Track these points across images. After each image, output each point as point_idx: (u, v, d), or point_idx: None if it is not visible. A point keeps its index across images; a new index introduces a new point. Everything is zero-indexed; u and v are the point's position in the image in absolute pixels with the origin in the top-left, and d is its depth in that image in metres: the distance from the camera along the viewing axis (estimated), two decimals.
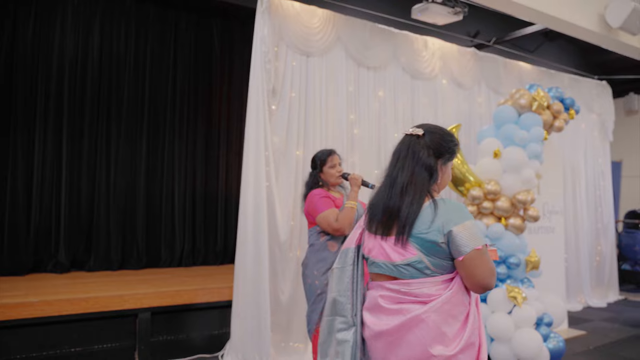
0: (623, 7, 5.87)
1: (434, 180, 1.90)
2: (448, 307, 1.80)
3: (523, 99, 4.77)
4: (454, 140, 2.01)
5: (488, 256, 1.81)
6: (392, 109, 5.26)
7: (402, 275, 1.85)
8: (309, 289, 3.35)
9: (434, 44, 5.64)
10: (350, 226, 3.27)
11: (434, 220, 1.80)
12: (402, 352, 1.82)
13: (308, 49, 4.74)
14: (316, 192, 3.39)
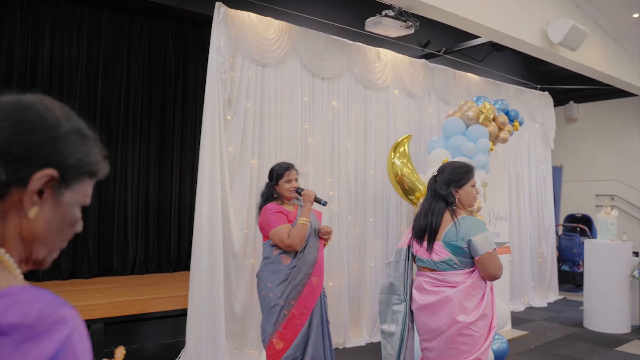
0: (563, 24, 6.20)
1: (451, 203, 2.83)
2: (469, 289, 2.71)
3: (470, 111, 4.98)
4: (463, 168, 2.89)
5: (496, 256, 2.70)
6: (345, 119, 5.39)
7: (438, 268, 2.80)
8: (263, 300, 3.43)
9: (386, 55, 5.80)
10: (302, 242, 3.36)
11: (458, 232, 2.72)
12: (438, 319, 2.75)
13: (264, 60, 4.81)
14: (270, 206, 3.46)
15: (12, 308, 0.65)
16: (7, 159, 0.74)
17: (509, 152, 7.25)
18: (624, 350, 5.42)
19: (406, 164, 4.88)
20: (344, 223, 5.28)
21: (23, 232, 0.78)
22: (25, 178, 0.75)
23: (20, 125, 0.76)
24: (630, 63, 8.28)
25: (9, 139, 0.74)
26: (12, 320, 0.64)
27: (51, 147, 0.77)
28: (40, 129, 0.77)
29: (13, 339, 0.63)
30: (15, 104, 0.78)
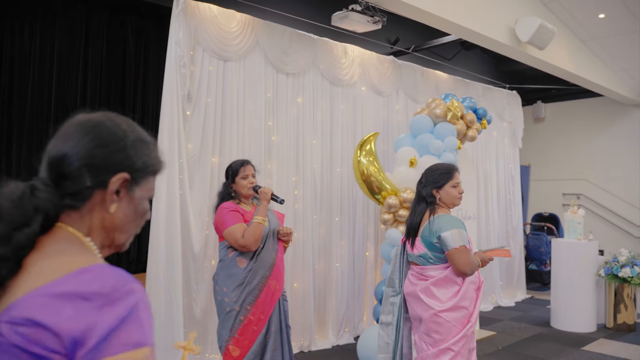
0: (531, 22, 6.16)
1: (430, 203, 3.08)
2: (441, 282, 2.96)
3: (438, 109, 4.89)
4: (440, 170, 3.14)
5: (465, 253, 2.89)
6: (311, 116, 5.24)
7: (419, 262, 3.06)
8: (219, 305, 3.26)
9: (353, 51, 5.67)
10: (257, 243, 3.20)
11: (431, 229, 2.97)
12: (418, 305, 3.02)
13: (225, 54, 4.63)
14: (225, 205, 3.30)
15: (95, 280, 0.84)
16: (91, 168, 0.95)
17: (478, 151, 7.20)
18: (590, 350, 5.40)
19: (372, 162, 4.76)
20: (309, 223, 5.13)
21: (106, 223, 0.99)
22: (105, 181, 0.97)
23: (96, 140, 0.97)
24: (595, 63, 8.33)
25: (90, 152, 0.95)
26: (94, 289, 0.83)
27: (122, 155, 0.98)
28: (112, 142, 0.98)
29: (94, 303, 0.82)
30: (89, 122, 0.99)
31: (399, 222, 4.71)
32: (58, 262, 0.89)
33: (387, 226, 4.82)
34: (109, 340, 0.81)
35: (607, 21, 7.34)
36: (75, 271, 0.86)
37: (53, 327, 0.81)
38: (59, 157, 0.96)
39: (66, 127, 1.00)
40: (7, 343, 0.82)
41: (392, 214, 4.72)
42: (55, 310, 0.82)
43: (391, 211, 4.69)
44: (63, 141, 0.97)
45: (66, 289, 0.84)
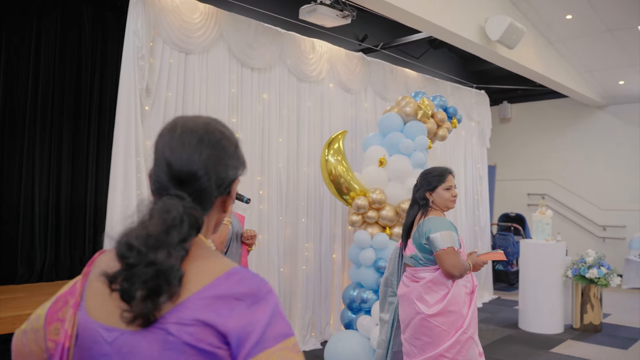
0: (501, 21, 6.10)
1: (424, 205, 3.09)
2: (430, 284, 2.95)
3: (408, 107, 4.75)
4: (432, 173, 3.16)
5: (453, 255, 2.87)
6: (277, 113, 5.04)
7: (411, 264, 3.06)
8: None
9: (321, 47, 5.49)
10: (222, 245, 3.00)
11: (421, 231, 2.98)
12: (407, 307, 3.02)
13: (187, 46, 4.39)
14: None
15: (241, 282, 0.97)
16: (219, 182, 1.05)
17: (446, 151, 7.12)
18: (559, 352, 5.35)
19: (341, 161, 4.60)
20: (274, 224, 4.93)
21: (217, 221, 1.12)
22: (228, 190, 1.08)
23: (220, 156, 1.05)
24: (562, 65, 8.36)
25: (217, 168, 1.04)
26: (244, 291, 0.96)
27: (236, 164, 1.08)
28: (231, 156, 1.07)
29: (245, 303, 0.95)
30: (210, 137, 1.05)
31: (368, 224, 4.55)
32: (205, 266, 0.99)
33: (356, 228, 4.66)
34: (265, 335, 0.94)
35: (574, 22, 7.35)
36: (223, 275, 0.97)
37: (218, 326, 0.93)
38: (190, 175, 1.02)
39: (185, 137, 1.04)
40: (178, 342, 0.92)
41: (361, 215, 4.56)
42: (217, 311, 0.93)
43: (360, 212, 4.53)
44: (188, 156, 1.02)
45: (221, 291, 0.95)
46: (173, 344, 0.93)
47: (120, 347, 0.96)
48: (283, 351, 0.95)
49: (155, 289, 0.93)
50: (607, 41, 7.74)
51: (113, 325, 0.98)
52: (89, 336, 1.00)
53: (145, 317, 0.93)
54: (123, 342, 0.96)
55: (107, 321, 0.99)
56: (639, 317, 6.94)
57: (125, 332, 0.96)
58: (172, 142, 1.04)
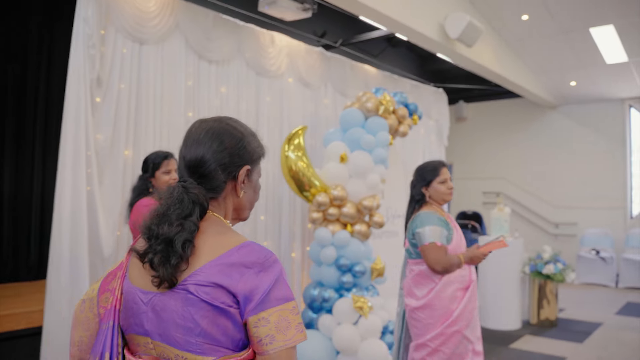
0: (460, 19, 6.12)
1: (418, 201, 3.18)
2: (418, 278, 3.06)
3: (370, 103, 4.68)
4: (427, 167, 3.19)
5: (436, 250, 2.93)
6: (235, 107, 4.88)
7: (407, 256, 3.18)
8: None
9: (281, 41, 5.36)
10: None
11: (411, 225, 3.10)
12: (402, 299, 3.19)
13: (142, 35, 4.18)
14: (145, 202, 2.91)
15: (251, 253, 1.18)
16: (223, 167, 1.27)
17: (405, 148, 7.10)
18: (517, 347, 5.40)
19: (301, 157, 4.49)
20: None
21: (235, 205, 1.33)
22: (235, 175, 1.29)
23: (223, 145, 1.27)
24: (517, 65, 8.49)
25: (220, 155, 1.26)
26: (252, 260, 1.17)
27: (243, 152, 1.30)
28: (235, 144, 1.29)
29: (254, 270, 1.16)
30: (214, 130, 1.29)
31: (329, 221, 4.46)
32: (220, 240, 1.20)
33: (316, 225, 4.55)
34: (268, 297, 1.14)
35: (529, 23, 7.46)
36: (236, 247, 1.18)
37: (229, 287, 1.13)
38: (197, 162, 1.25)
39: (195, 135, 1.28)
40: (196, 299, 1.13)
41: (322, 213, 4.46)
42: (229, 275, 1.14)
43: (320, 209, 4.43)
44: (196, 148, 1.26)
45: (233, 260, 1.16)
46: (193, 301, 1.14)
47: (154, 305, 1.19)
48: (283, 312, 1.15)
49: (166, 255, 1.16)
50: (560, 42, 7.90)
51: (148, 290, 1.21)
52: (131, 299, 1.24)
53: (168, 280, 1.16)
54: (156, 302, 1.19)
55: (144, 286, 1.22)
56: (591, 311, 7.11)
57: (157, 294, 1.19)
58: (186, 140, 1.30)
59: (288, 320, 1.15)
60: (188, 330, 1.15)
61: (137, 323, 1.23)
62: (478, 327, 3.10)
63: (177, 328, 1.16)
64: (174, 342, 1.17)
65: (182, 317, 1.15)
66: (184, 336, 1.15)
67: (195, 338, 1.15)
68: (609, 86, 9.35)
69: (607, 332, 6.07)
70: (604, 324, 6.40)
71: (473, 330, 3.02)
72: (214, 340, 1.15)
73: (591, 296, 8.25)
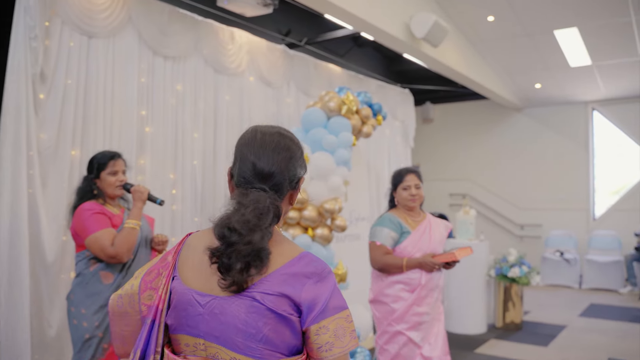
0: (426, 19, 6.02)
1: (390, 201, 3.41)
2: (374, 274, 3.28)
3: (332, 102, 4.53)
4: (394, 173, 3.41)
5: (374, 250, 3.18)
6: (192, 106, 4.68)
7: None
8: (74, 331, 2.65)
9: (241, 37, 5.17)
10: (130, 252, 2.64)
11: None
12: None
13: (91, 28, 3.95)
14: (87, 206, 2.70)
15: (309, 264, 1.24)
16: (291, 178, 1.33)
17: (370, 149, 6.98)
18: (483, 352, 5.32)
19: None
20: (188, 226, 4.57)
21: (285, 213, 1.36)
22: (295, 185, 1.36)
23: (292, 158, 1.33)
24: (483, 66, 8.47)
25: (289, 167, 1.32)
26: (312, 270, 1.23)
27: (302, 164, 1.38)
28: (298, 158, 1.36)
29: (313, 280, 1.22)
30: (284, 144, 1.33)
31: (289, 225, 4.29)
32: (281, 250, 1.26)
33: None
34: (327, 306, 1.22)
35: (495, 25, 7.43)
36: (296, 257, 1.26)
37: (293, 297, 1.20)
38: (271, 173, 1.30)
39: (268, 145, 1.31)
40: (262, 307, 1.19)
41: None
42: (292, 285, 1.21)
43: None
44: (270, 159, 1.30)
45: (295, 270, 1.23)
46: (258, 308, 1.18)
47: (212, 308, 1.22)
48: (340, 320, 1.21)
49: (251, 262, 1.19)
50: (525, 44, 7.89)
51: (206, 292, 1.24)
52: (185, 300, 1.25)
53: (239, 284, 1.19)
54: (215, 305, 1.21)
55: (202, 288, 1.25)
56: (556, 313, 7.10)
57: (217, 298, 1.22)
58: (255, 146, 1.31)
59: (344, 328, 1.23)
60: (250, 336, 1.19)
61: (191, 324, 1.25)
62: (431, 333, 3.14)
63: (238, 332, 1.20)
64: (233, 345, 1.20)
65: (244, 322, 1.20)
66: (245, 341, 1.19)
67: (257, 344, 1.19)
68: (573, 89, 9.42)
69: (571, 334, 6.05)
70: (568, 326, 6.39)
71: (422, 334, 3.10)
72: (273, 345, 1.20)
73: (555, 298, 8.27)
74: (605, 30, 7.25)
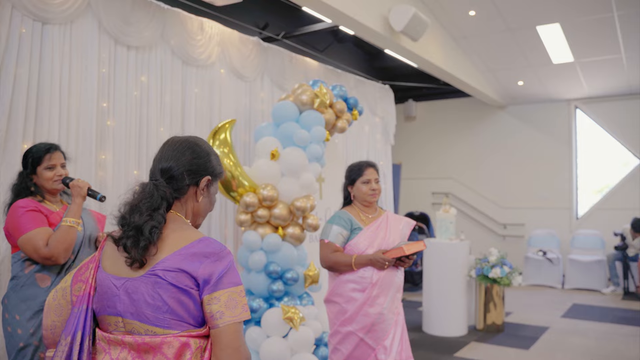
0: (405, 11, 5.84)
1: (345, 197, 3.31)
2: (330, 273, 3.14)
3: (305, 95, 4.32)
4: (351, 167, 3.27)
5: (322, 248, 3.06)
6: (158, 98, 4.43)
7: None
8: (9, 339, 2.41)
9: (211, 28, 4.94)
10: (67, 253, 2.41)
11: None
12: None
13: (44, 14, 3.68)
14: (21, 203, 2.47)
15: (208, 246, 1.44)
16: (189, 173, 1.55)
17: (348, 146, 6.79)
18: (463, 356, 5.14)
19: (228, 154, 4.08)
20: None
21: (194, 210, 1.59)
22: (197, 181, 1.57)
23: (193, 155, 1.57)
24: (465, 62, 8.31)
25: (189, 162, 1.55)
26: (210, 251, 1.43)
27: (207, 164, 1.59)
28: (202, 155, 1.59)
29: (211, 259, 1.42)
30: (187, 143, 1.59)
31: (258, 224, 4.07)
32: (183, 234, 1.47)
33: (245, 228, 4.16)
34: (221, 280, 1.41)
35: (476, 19, 7.27)
36: (196, 240, 1.45)
37: (192, 272, 1.40)
38: (168, 167, 1.54)
39: (170, 146, 1.59)
40: (164, 282, 1.40)
41: (250, 214, 4.06)
42: (191, 263, 1.41)
43: (249, 211, 4.03)
44: (169, 157, 1.55)
45: (195, 250, 1.43)
46: (161, 284, 1.40)
47: (126, 289, 1.43)
48: (232, 294, 1.41)
49: (136, 239, 1.43)
50: (507, 40, 7.75)
51: (121, 276, 1.46)
52: (105, 285, 1.48)
53: (139, 260, 1.43)
54: (128, 286, 1.43)
55: (117, 273, 1.47)
56: (538, 314, 6.96)
57: (130, 279, 1.44)
58: (162, 149, 1.59)
59: (236, 300, 1.41)
60: (157, 308, 1.39)
61: (110, 305, 1.46)
62: (388, 336, 2.97)
63: (148, 306, 1.40)
64: (145, 318, 1.41)
65: (152, 297, 1.40)
66: (154, 313, 1.39)
67: (164, 315, 1.39)
68: (556, 86, 9.30)
69: (553, 336, 5.90)
70: (550, 328, 6.24)
71: (375, 336, 2.94)
72: (178, 316, 1.40)
73: (538, 298, 8.14)
74: (587, 27, 7.13)
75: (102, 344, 1.48)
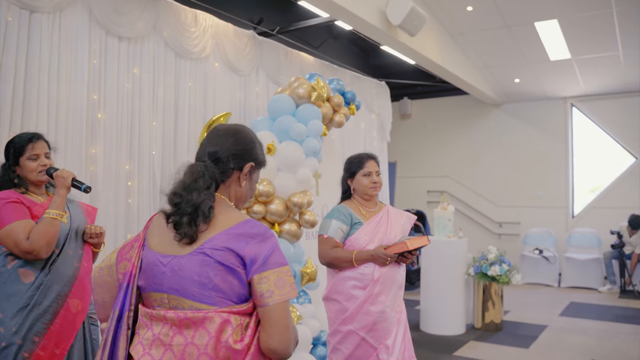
0: (403, 5, 5.75)
1: (345, 192, 3.16)
2: (329, 270, 3.00)
3: (301, 88, 4.21)
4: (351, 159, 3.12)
5: (321, 243, 2.93)
6: (150, 91, 4.31)
7: None
8: None
9: (206, 20, 4.82)
10: (50, 246, 2.28)
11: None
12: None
13: (33, 2, 3.56)
14: (2, 195, 2.34)
15: (253, 227, 1.48)
16: (234, 157, 1.60)
17: (345, 142, 6.69)
18: (462, 355, 5.05)
19: None
20: (145, 220, 4.20)
21: (237, 194, 1.63)
22: (241, 166, 1.62)
23: (238, 141, 1.62)
24: (462, 59, 8.23)
25: (234, 147, 1.60)
26: (255, 232, 1.47)
27: (252, 151, 1.65)
28: (247, 142, 1.64)
29: (256, 240, 1.46)
30: (234, 129, 1.66)
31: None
32: (229, 215, 1.52)
33: None
34: (268, 261, 1.45)
35: (474, 15, 7.19)
36: (242, 222, 1.50)
37: (238, 251, 1.45)
38: (215, 151, 1.59)
39: (216, 131, 1.66)
40: (212, 261, 1.45)
41: (245, 210, 3.94)
42: (238, 242, 1.46)
43: (244, 206, 3.91)
44: (216, 142, 1.61)
45: (241, 231, 1.47)
46: (208, 261, 1.46)
47: (172, 266, 1.49)
48: (280, 273, 1.46)
49: (194, 216, 1.48)
50: (504, 37, 7.67)
51: (167, 253, 1.51)
52: (151, 262, 1.54)
53: (190, 237, 1.48)
54: (175, 264, 1.49)
55: (164, 251, 1.53)
56: (536, 312, 6.89)
57: (177, 257, 1.50)
58: (209, 135, 1.66)
59: (284, 280, 1.45)
60: (203, 285, 1.45)
61: (157, 282, 1.51)
62: (390, 335, 2.85)
63: (194, 283, 1.45)
64: (190, 295, 1.46)
65: (198, 274, 1.45)
66: (200, 289, 1.45)
67: (209, 291, 1.45)
68: (553, 84, 9.24)
69: (552, 335, 5.82)
70: (549, 327, 6.17)
71: (377, 335, 2.82)
72: (223, 293, 1.45)
73: (535, 296, 8.07)
74: (585, 23, 7.06)
75: (145, 319, 1.53)
